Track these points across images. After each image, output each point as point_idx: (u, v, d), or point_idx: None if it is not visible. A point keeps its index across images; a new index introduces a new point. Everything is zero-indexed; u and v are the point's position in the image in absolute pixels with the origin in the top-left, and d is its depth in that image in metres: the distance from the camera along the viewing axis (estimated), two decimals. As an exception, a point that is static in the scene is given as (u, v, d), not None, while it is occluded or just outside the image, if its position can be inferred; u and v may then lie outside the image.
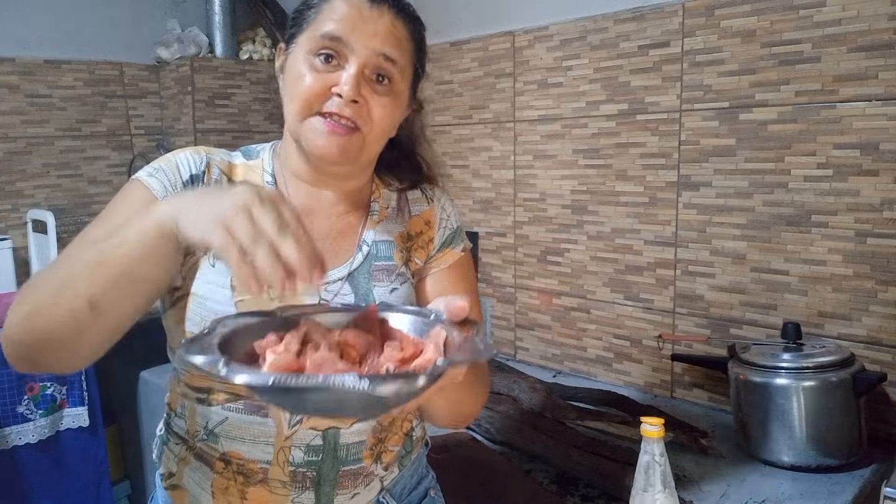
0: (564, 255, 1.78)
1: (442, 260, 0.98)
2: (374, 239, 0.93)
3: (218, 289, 0.82)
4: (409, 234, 0.97)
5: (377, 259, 0.92)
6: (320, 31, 0.82)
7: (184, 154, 0.87)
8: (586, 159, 1.70)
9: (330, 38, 0.81)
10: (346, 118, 0.81)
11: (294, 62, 0.84)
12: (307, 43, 0.83)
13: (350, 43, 0.81)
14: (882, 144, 1.26)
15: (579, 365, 1.78)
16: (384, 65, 0.83)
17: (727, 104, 1.44)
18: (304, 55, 0.83)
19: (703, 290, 1.52)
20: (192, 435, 0.86)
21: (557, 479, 1.19)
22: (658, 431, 0.81)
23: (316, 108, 0.81)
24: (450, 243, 0.99)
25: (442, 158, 2.04)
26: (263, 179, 0.90)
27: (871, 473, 1.19)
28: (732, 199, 1.45)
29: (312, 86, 0.81)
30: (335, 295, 0.87)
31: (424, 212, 0.99)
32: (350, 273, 0.89)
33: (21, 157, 2.21)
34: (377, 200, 0.96)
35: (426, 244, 0.98)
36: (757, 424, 1.23)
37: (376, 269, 0.91)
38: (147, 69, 2.44)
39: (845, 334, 1.33)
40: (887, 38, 1.23)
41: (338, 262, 0.89)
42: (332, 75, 0.81)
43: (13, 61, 2.18)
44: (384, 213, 0.96)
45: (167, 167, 0.85)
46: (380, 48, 0.82)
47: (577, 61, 1.68)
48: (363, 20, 0.82)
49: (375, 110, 0.83)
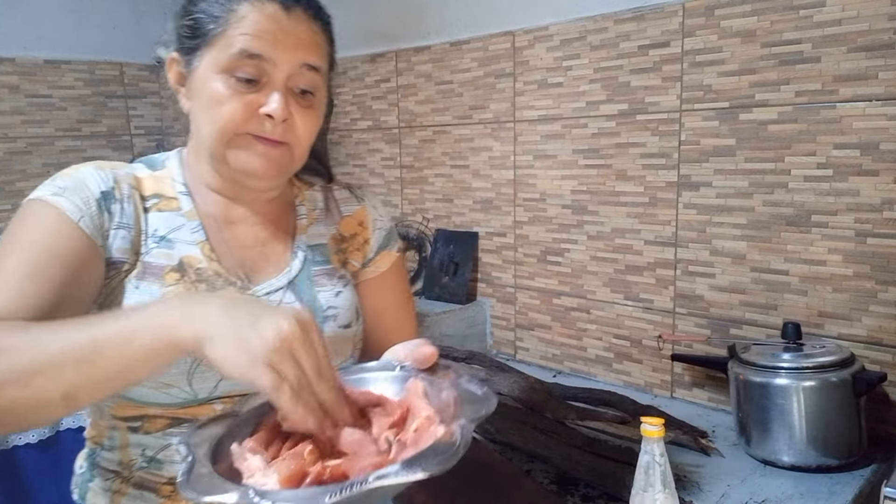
0: (564, 255, 1.78)
1: (380, 263, 0.97)
2: (308, 243, 0.91)
3: None
4: (343, 235, 0.95)
5: (315, 264, 0.90)
6: (235, 47, 0.75)
7: (86, 170, 0.81)
8: (586, 159, 1.70)
9: (249, 57, 0.75)
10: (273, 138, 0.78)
11: (204, 81, 0.77)
12: (219, 60, 0.76)
13: (272, 59, 0.75)
14: (882, 144, 1.25)
15: (579, 365, 1.78)
16: (308, 75, 0.79)
17: (727, 104, 1.44)
18: (216, 74, 0.76)
19: (703, 290, 1.52)
20: (128, 466, 0.83)
21: (557, 479, 1.19)
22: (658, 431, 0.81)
23: (243, 130, 0.77)
24: (386, 245, 0.98)
25: (440, 159, 2.04)
26: (176, 190, 0.86)
27: (871, 473, 1.19)
28: (732, 199, 1.45)
29: (238, 111, 0.76)
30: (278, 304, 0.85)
31: (356, 212, 0.97)
32: (290, 281, 0.87)
33: (21, 157, 2.21)
34: (302, 203, 0.94)
35: (362, 245, 0.96)
36: (757, 424, 1.23)
37: (317, 273, 0.89)
38: (147, 69, 2.45)
39: (845, 334, 1.33)
40: (887, 38, 1.23)
41: (272, 270, 0.87)
42: (257, 96, 0.76)
43: (13, 61, 2.18)
44: (313, 216, 0.93)
45: (73, 185, 0.78)
46: (302, 59, 0.77)
47: (577, 61, 1.68)
48: (283, 32, 0.76)
49: (302, 125, 0.79)
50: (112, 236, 0.79)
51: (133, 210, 0.82)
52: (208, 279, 0.82)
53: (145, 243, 0.82)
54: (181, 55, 0.82)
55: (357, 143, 2.35)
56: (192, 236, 0.84)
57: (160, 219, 0.84)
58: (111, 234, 0.79)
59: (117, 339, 0.60)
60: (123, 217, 0.81)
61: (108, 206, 0.80)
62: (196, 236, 0.84)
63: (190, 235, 0.84)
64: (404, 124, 2.16)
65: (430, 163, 2.10)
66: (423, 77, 2.07)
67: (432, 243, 2.10)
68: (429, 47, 2.04)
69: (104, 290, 0.79)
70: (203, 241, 0.84)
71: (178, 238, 0.83)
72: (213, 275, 0.83)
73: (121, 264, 0.80)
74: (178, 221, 0.84)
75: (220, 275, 0.83)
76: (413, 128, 2.13)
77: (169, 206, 0.85)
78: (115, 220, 0.80)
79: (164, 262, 0.81)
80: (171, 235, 0.83)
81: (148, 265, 0.81)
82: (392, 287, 0.98)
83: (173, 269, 0.81)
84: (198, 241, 0.84)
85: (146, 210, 0.84)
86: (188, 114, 0.83)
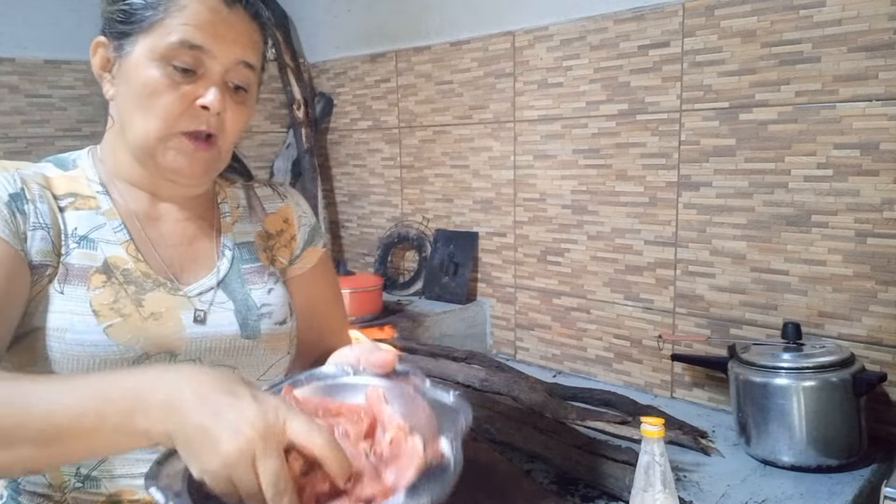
0: (564, 255, 1.78)
1: (307, 259, 0.96)
2: (235, 241, 0.89)
3: (76, 317, 0.74)
4: (269, 232, 0.94)
5: (244, 262, 0.89)
6: (175, 36, 0.74)
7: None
8: (586, 159, 1.70)
9: (189, 47, 0.74)
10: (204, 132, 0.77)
11: (138, 67, 0.75)
12: (156, 48, 0.74)
13: (212, 51, 0.75)
14: (882, 144, 1.25)
15: (579, 365, 1.78)
16: (244, 72, 0.78)
17: (727, 104, 1.44)
18: (152, 61, 0.74)
19: (703, 290, 1.52)
20: (59, 487, 0.78)
21: (557, 479, 1.19)
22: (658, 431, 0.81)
23: (178, 127, 0.76)
24: (311, 241, 0.97)
25: (440, 159, 2.04)
26: (92, 190, 0.82)
27: (871, 473, 1.19)
28: (732, 199, 1.45)
29: (174, 102, 0.74)
30: (211, 304, 0.83)
31: (280, 209, 0.96)
32: (220, 280, 0.85)
33: (21, 158, 2.20)
34: (225, 201, 0.92)
35: (289, 242, 0.95)
36: (757, 424, 1.23)
37: (247, 272, 0.88)
38: (147, 69, 2.45)
39: (845, 334, 1.33)
40: (887, 38, 1.23)
41: (201, 270, 0.85)
42: (193, 87, 0.75)
43: (13, 61, 2.18)
44: (237, 214, 0.92)
45: None
46: (240, 55, 0.77)
47: (577, 61, 1.68)
48: (224, 25, 0.75)
49: (231, 121, 0.79)
50: (30, 238, 0.74)
51: (48, 209, 0.77)
52: (136, 280, 0.79)
53: (66, 244, 0.77)
54: (110, 39, 0.78)
55: (357, 143, 2.35)
56: (115, 235, 0.80)
57: (78, 217, 0.79)
58: (29, 236, 0.74)
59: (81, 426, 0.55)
60: (39, 216, 0.76)
61: (20, 207, 0.74)
62: (119, 235, 0.80)
63: (112, 235, 0.80)
64: (404, 124, 2.16)
65: (430, 163, 2.10)
66: (423, 77, 2.07)
67: (432, 243, 2.10)
68: (429, 47, 2.04)
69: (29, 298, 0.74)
70: (127, 240, 0.81)
71: (99, 238, 0.79)
72: (141, 276, 0.80)
73: (43, 268, 0.75)
74: (97, 220, 0.80)
75: (148, 276, 0.80)
76: (413, 128, 2.13)
77: (86, 204, 0.81)
78: (29, 220, 0.75)
79: (87, 262, 0.77)
80: (93, 235, 0.79)
81: (70, 267, 0.76)
82: (321, 283, 0.98)
83: (98, 270, 0.77)
84: (121, 240, 0.80)
85: (61, 209, 0.79)
86: (111, 100, 0.80)
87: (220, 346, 0.82)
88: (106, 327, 0.74)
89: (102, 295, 0.76)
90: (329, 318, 0.99)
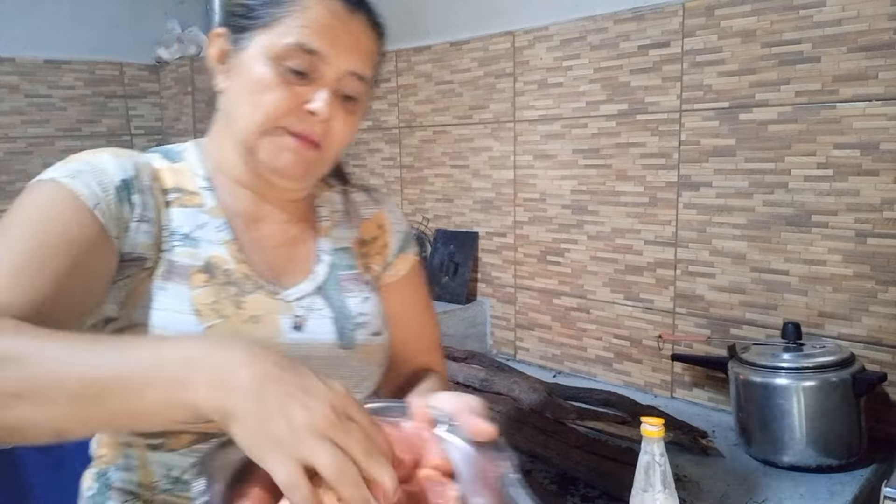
0: (564, 255, 1.78)
1: (399, 266, 0.94)
2: (333, 247, 0.88)
3: (177, 315, 0.73)
4: (364, 239, 0.92)
5: (341, 269, 0.87)
6: (293, 38, 0.73)
7: (104, 156, 0.74)
8: (586, 159, 1.70)
9: (305, 51, 0.73)
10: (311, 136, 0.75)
11: (252, 64, 0.75)
12: (272, 46, 0.74)
13: (328, 57, 0.74)
14: (882, 144, 1.25)
15: (579, 365, 1.78)
16: (355, 84, 0.77)
17: (727, 104, 1.44)
18: (267, 59, 0.74)
19: (703, 290, 1.52)
20: (150, 487, 0.76)
21: (557, 479, 1.19)
22: (658, 431, 0.81)
23: (282, 123, 0.74)
24: (404, 248, 0.95)
25: (440, 159, 2.04)
26: (197, 185, 0.81)
27: (871, 473, 1.19)
28: (732, 199, 1.45)
29: (282, 100, 0.74)
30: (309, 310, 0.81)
31: (375, 215, 0.94)
32: (319, 286, 0.84)
33: (21, 157, 2.21)
34: (322, 205, 0.91)
35: (382, 249, 0.93)
36: (757, 424, 1.23)
37: (343, 279, 0.86)
38: (147, 69, 2.45)
39: (845, 334, 1.33)
40: (887, 38, 1.23)
41: (299, 274, 0.84)
42: (304, 89, 0.74)
43: (13, 61, 2.18)
44: (334, 219, 0.91)
45: (89, 169, 0.72)
46: (353, 66, 0.76)
47: (577, 61, 1.68)
48: (343, 32, 0.75)
49: (339, 130, 0.77)
50: (134, 230, 0.73)
51: (154, 203, 0.76)
52: (237, 282, 0.78)
53: (168, 240, 0.76)
54: (230, 32, 0.78)
55: (357, 143, 2.35)
56: (218, 235, 0.79)
57: (182, 215, 0.79)
58: (132, 227, 0.73)
59: (126, 387, 0.53)
60: (146, 209, 0.75)
61: (130, 197, 0.73)
62: (222, 235, 0.79)
63: (215, 234, 0.79)
64: (404, 124, 2.16)
65: (430, 163, 2.10)
66: (423, 77, 2.07)
67: (432, 243, 2.10)
68: (429, 47, 2.04)
69: (125, 289, 0.73)
70: (230, 240, 0.79)
71: (202, 237, 0.78)
72: (243, 277, 0.78)
73: (142, 261, 0.74)
74: (201, 219, 0.79)
75: (248, 277, 0.79)
76: (413, 128, 2.13)
77: (191, 201, 0.80)
78: (136, 211, 0.74)
79: (189, 261, 0.76)
80: (196, 234, 0.78)
81: (172, 264, 0.76)
82: (412, 291, 0.95)
83: (200, 269, 0.76)
84: (224, 240, 0.79)
85: (167, 204, 0.78)
86: (222, 93, 0.80)
87: (316, 354, 0.80)
88: (207, 327, 0.73)
89: (204, 294, 0.75)
90: (420, 332, 0.96)
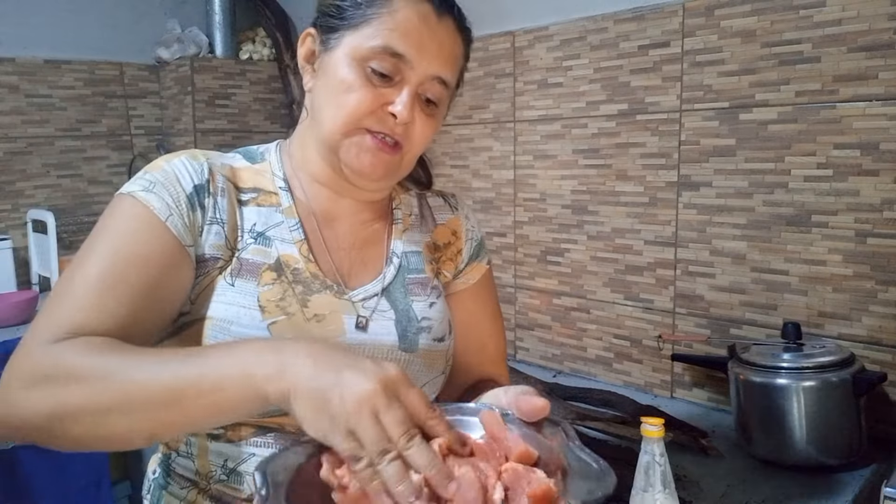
0: (564, 255, 1.78)
1: (470, 275, 0.94)
2: (404, 250, 0.88)
3: (242, 310, 0.75)
4: (437, 244, 0.92)
5: (409, 272, 0.87)
6: (381, 40, 0.74)
7: (180, 161, 0.77)
8: (586, 159, 1.70)
9: (391, 54, 0.74)
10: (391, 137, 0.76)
11: (339, 64, 0.76)
12: (359, 48, 0.75)
13: (412, 62, 0.75)
14: (882, 144, 1.25)
15: (579, 365, 1.78)
16: (437, 89, 0.79)
17: (727, 104, 1.44)
18: (353, 60, 0.75)
19: (703, 290, 1.52)
20: (206, 476, 0.78)
21: (557, 479, 1.19)
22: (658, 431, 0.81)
23: (364, 123, 0.76)
24: (476, 256, 0.95)
25: (440, 159, 2.04)
26: (276, 185, 0.83)
27: (871, 473, 1.19)
28: (732, 199, 1.45)
29: (365, 101, 0.74)
30: (373, 311, 0.82)
31: (450, 221, 0.95)
32: (384, 288, 0.84)
33: (21, 157, 2.21)
34: (399, 207, 0.92)
35: (454, 256, 0.93)
36: (757, 424, 1.23)
37: (411, 282, 0.87)
38: (147, 69, 2.44)
39: (845, 334, 1.33)
40: (887, 38, 1.23)
41: (368, 275, 0.85)
42: (387, 91, 0.75)
43: (13, 61, 2.18)
44: (408, 222, 0.91)
45: (165, 179, 0.74)
46: (437, 71, 0.77)
47: (577, 61, 1.68)
48: (430, 36, 0.76)
49: (419, 132, 0.78)
50: (205, 232, 0.76)
51: (227, 204, 0.78)
52: (305, 280, 0.79)
53: (241, 239, 0.78)
54: (320, 32, 0.79)
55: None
56: (291, 234, 0.81)
57: (257, 214, 0.80)
58: (204, 230, 0.76)
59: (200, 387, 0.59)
60: (217, 212, 0.77)
61: (201, 202, 0.76)
62: (294, 234, 0.81)
63: (288, 234, 0.81)
64: (404, 124, 2.16)
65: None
66: (423, 77, 2.07)
67: (432, 243, 2.10)
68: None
69: (199, 286, 0.75)
70: (301, 240, 0.81)
71: (275, 236, 0.80)
72: (310, 276, 0.80)
73: (214, 261, 0.76)
74: (276, 218, 0.81)
75: (316, 277, 0.80)
76: (413, 128, 2.13)
77: (268, 200, 0.82)
78: (207, 215, 0.76)
79: (260, 259, 0.78)
80: (269, 232, 0.80)
81: (245, 262, 0.77)
82: (482, 301, 0.95)
83: (270, 267, 0.78)
84: (296, 239, 0.81)
85: (241, 203, 0.80)
86: (309, 92, 0.81)
87: (377, 355, 0.80)
88: (270, 324, 0.75)
89: (271, 291, 0.77)
90: (486, 338, 0.96)
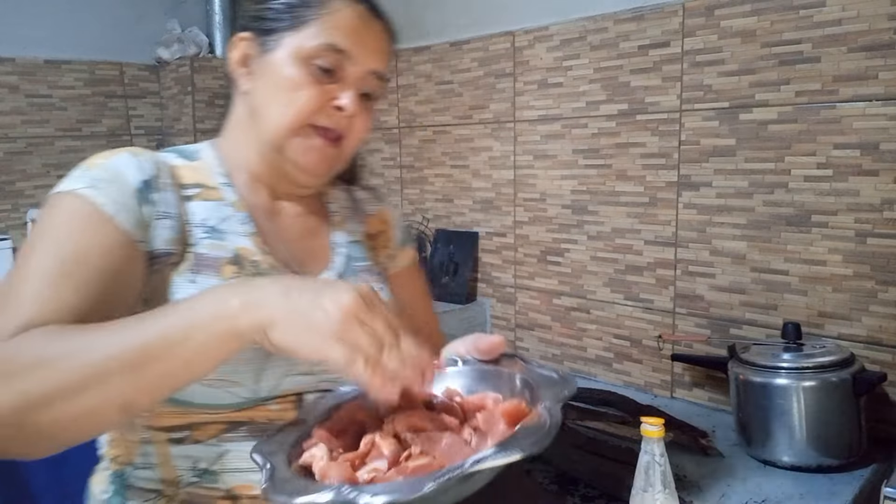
0: (564, 255, 1.78)
1: (401, 259, 1.00)
2: (347, 240, 0.92)
3: None
4: (370, 233, 0.97)
5: (355, 261, 0.91)
6: (325, 38, 0.77)
7: (122, 158, 0.75)
8: (586, 159, 1.70)
9: (336, 50, 0.78)
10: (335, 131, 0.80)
11: (282, 64, 0.78)
12: (302, 46, 0.78)
13: (354, 57, 0.79)
14: (882, 144, 1.25)
15: (579, 365, 1.78)
16: (376, 83, 0.83)
17: (727, 104, 1.44)
18: (297, 59, 0.78)
19: (703, 290, 1.52)
20: (173, 482, 0.76)
21: (557, 479, 1.19)
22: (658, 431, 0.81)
23: (312, 119, 0.78)
24: (405, 241, 1.01)
25: (440, 159, 2.05)
26: (216, 181, 0.83)
27: (871, 473, 1.19)
28: (732, 199, 1.45)
29: (314, 98, 0.78)
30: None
31: (379, 211, 1.00)
32: (340, 275, 0.88)
33: (21, 157, 2.21)
34: (331, 201, 0.96)
35: (387, 243, 0.99)
36: (757, 424, 1.23)
37: (360, 270, 0.91)
38: (147, 69, 2.44)
39: (845, 334, 1.33)
40: (887, 38, 1.23)
41: (318, 265, 0.88)
42: (330, 87, 0.79)
43: (13, 61, 2.18)
44: (344, 213, 0.95)
45: (109, 176, 0.72)
46: (376, 66, 0.81)
47: (577, 61, 1.68)
48: (368, 33, 0.80)
49: (360, 124, 0.82)
50: (155, 227, 0.75)
51: (175, 198, 0.78)
52: (265, 272, 0.80)
53: (192, 234, 0.78)
54: (256, 35, 0.81)
55: (357, 143, 2.35)
56: (243, 227, 0.81)
57: (205, 208, 0.80)
58: (154, 225, 0.75)
59: (169, 340, 0.58)
60: (166, 206, 0.76)
61: (149, 196, 0.75)
62: (246, 227, 0.82)
63: (240, 227, 0.81)
64: (404, 124, 2.16)
65: (430, 163, 2.10)
66: (423, 77, 2.07)
67: (432, 243, 2.10)
68: (429, 47, 2.04)
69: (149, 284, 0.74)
70: (254, 232, 0.82)
71: (228, 229, 0.80)
72: (269, 268, 0.80)
73: (166, 256, 0.75)
74: (225, 212, 0.81)
75: (275, 268, 0.81)
76: (413, 128, 2.13)
77: (212, 195, 0.82)
78: (157, 209, 0.75)
79: (217, 253, 0.78)
80: (221, 226, 0.80)
81: (201, 257, 0.77)
82: (414, 283, 1.01)
83: (229, 261, 0.78)
84: (248, 232, 0.81)
85: (187, 199, 0.80)
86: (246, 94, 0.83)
87: None
88: None
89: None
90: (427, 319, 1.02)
